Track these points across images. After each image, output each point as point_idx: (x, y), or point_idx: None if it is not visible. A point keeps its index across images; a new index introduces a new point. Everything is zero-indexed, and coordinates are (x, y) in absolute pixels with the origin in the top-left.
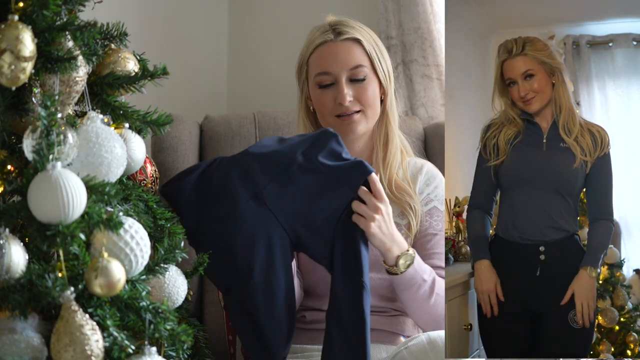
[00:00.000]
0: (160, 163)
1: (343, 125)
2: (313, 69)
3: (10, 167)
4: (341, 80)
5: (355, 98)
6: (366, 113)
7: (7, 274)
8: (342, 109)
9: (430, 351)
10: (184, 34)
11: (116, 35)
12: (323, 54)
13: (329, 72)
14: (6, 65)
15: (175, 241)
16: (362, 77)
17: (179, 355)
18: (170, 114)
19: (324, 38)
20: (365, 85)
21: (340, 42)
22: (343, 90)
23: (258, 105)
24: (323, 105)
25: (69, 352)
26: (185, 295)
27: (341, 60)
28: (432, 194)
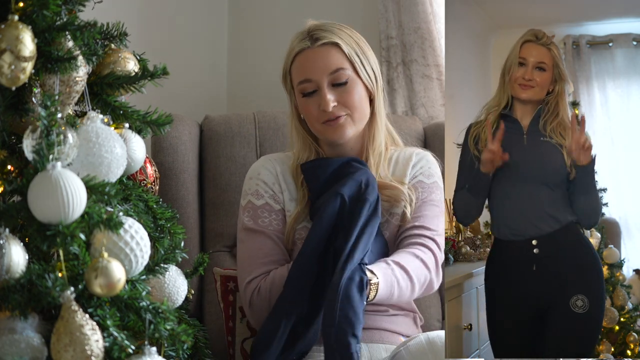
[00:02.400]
0: (160, 163)
1: (331, 130)
2: (295, 77)
3: (10, 167)
4: (323, 87)
5: (339, 102)
6: (353, 116)
7: (7, 274)
8: (327, 115)
9: (429, 351)
10: (184, 34)
11: (116, 35)
12: (302, 61)
13: (310, 79)
14: (6, 65)
15: (176, 241)
16: (344, 80)
17: (179, 355)
18: (170, 114)
19: (301, 46)
20: (349, 89)
21: (317, 48)
22: (326, 96)
23: (258, 105)
24: (309, 113)
25: (69, 352)
26: (185, 295)
27: (320, 66)
28: (417, 172)
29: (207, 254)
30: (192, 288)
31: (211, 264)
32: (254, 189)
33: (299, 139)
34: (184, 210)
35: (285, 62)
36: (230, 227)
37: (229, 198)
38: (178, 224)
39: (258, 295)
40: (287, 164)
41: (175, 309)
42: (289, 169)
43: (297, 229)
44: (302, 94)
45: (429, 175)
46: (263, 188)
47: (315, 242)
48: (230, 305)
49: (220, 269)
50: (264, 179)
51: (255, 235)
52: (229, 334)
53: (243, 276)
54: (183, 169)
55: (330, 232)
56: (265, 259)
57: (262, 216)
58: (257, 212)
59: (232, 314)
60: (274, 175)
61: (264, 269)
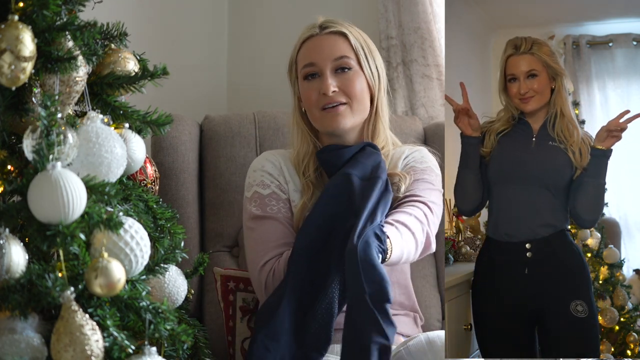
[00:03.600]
0: (160, 163)
1: (329, 118)
2: (300, 62)
3: (10, 167)
4: (325, 71)
5: (340, 89)
6: (352, 106)
7: (7, 274)
8: (326, 100)
9: (429, 351)
10: (184, 34)
11: (116, 35)
12: (309, 47)
13: (314, 62)
14: (6, 65)
15: (176, 241)
16: (347, 67)
17: (179, 355)
18: (170, 114)
19: (309, 33)
20: (351, 76)
21: (325, 35)
22: (327, 80)
23: (258, 105)
24: (309, 98)
25: (69, 352)
26: (186, 295)
27: (326, 51)
28: (409, 160)
29: (207, 254)
30: (192, 288)
31: (211, 264)
32: (259, 180)
33: (298, 133)
34: (184, 210)
35: (292, 53)
36: (230, 227)
37: (229, 198)
38: (178, 224)
39: (273, 278)
40: (289, 158)
41: (175, 309)
42: (290, 162)
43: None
44: (304, 78)
45: (421, 162)
46: (269, 179)
47: (317, 214)
48: (230, 305)
49: (220, 269)
50: (268, 170)
51: (265, 221)
52: (229, 334)
53: (256, 260)
54: (183, 169)
55: (335, 208)
56: (278, 241)
57: (269, 204)
58: (265, 201)
59: (232, 313)
60: (277, 167)
61: (277, 251)
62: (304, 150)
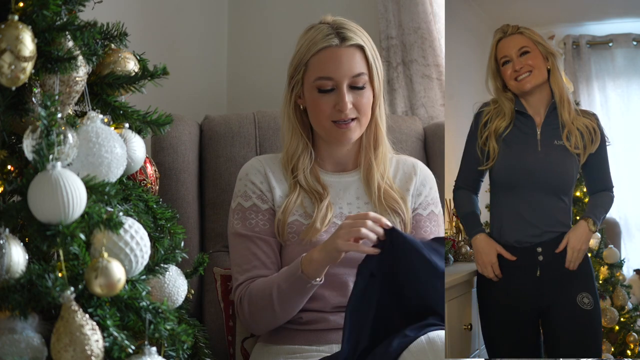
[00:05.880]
0: (160, 163)
1: (339, 132)
2: (314, 71)
3: (10, 167)
4: (342, 87)
5: (353, 105)
6: (361, 121)
7: (7, 274)
8: (340, 116)
9: (429, 351)
10: (184, 34)
11: (116, 35)
12: (326, 58)
13: (331, 77)
14: (6, 65)
15: (176, 241)
16: (361, 85)
17: (179, 355)
18: (170, 114)
19: (329, 42)
20: (364, 93)
21: (345, 49)
22: (344, 97)
23: (258, 105)
24: (320, 110)
25: (69, 352)
26: (185, 295)
27: (345, 67)
28: (429, 197)
29: (207, 254)
30: (192, 288)
31: (211, 264)
32: (242, 191)
33: (289, 128)
34: (184, 210)
35: (302, 52)
36: None
37: (229, 198)
38: (178, 224)
39: (241, 305)
40: (279, 161)
41: (175, 309)
42: (280, 165)
43: (289, 223)
44: (317, 90)
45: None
46: (251, 188)
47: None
48: (231, 304)
49: (220, 269)
50: (251, 178)
51: (242, 241)
52: (229, 334)
53: (234, 276)
54: (183, 169)
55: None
56: (249, 264)
57: (249, 218)
58: (245, 214)
59: (232, 313)
60: (262, 174)
61: (246, 276)
62: (293, 146)
